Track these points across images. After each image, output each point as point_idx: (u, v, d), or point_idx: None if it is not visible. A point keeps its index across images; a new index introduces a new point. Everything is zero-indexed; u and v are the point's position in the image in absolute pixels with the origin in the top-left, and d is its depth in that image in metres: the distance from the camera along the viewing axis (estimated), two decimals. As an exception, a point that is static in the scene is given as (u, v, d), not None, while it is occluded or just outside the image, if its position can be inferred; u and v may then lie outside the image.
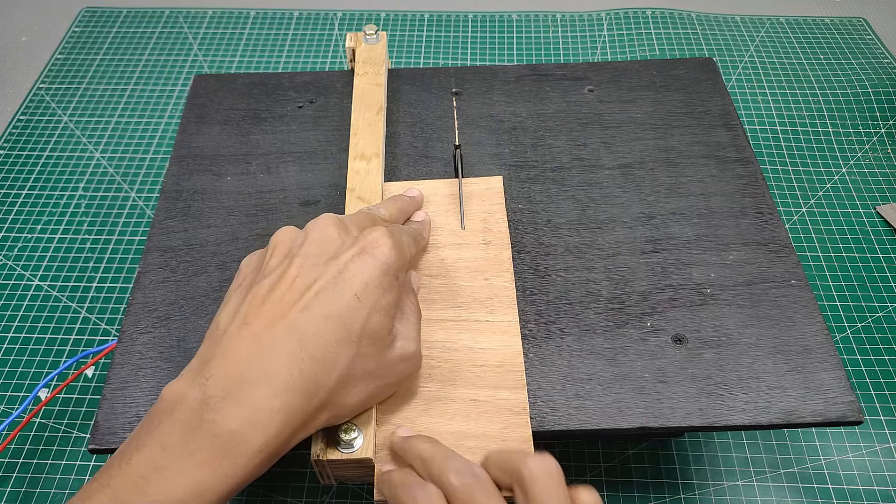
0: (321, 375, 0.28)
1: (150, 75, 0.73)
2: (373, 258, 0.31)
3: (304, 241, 0.32)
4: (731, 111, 0.48)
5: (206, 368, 0.28)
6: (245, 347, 0.28)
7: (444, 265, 0.39)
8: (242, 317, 0.29)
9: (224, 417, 0.26)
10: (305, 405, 0.28)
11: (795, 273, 0.40)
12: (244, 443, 0.26)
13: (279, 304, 0.29)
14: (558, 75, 0.51)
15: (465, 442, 0.33)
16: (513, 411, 0.34)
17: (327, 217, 0.33)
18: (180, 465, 0.25)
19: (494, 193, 0.43)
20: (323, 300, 0.29)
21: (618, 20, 0.78)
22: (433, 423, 0.33)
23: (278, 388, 0.27)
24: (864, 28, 0.78)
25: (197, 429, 0.26)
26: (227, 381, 0.27)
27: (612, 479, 0.46)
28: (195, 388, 0.27)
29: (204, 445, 0.26)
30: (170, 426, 0.26)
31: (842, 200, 0.61)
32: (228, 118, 0.49)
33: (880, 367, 0.51)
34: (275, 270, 0.31)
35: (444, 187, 0.43)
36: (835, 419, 0.34)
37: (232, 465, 0.26)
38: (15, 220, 0.60)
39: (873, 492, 0.45)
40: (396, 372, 0.32)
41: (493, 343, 0.36)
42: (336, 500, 0.45)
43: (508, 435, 0.33)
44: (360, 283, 0.30)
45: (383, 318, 0.30)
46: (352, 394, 0.30)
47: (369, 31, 0.50)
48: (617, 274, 0.40)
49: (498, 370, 0.35)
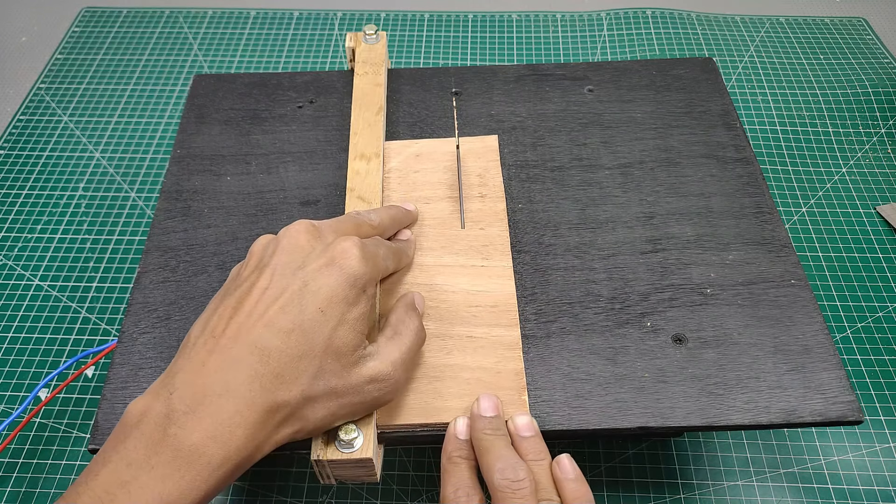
0: (282, 391, 0.28)
1: (150, 75, 0.73)
2: (339, 269, 0.30)
3: (274, 250, 0.32)
4: (731, 111, 0.48)
5: (171, 382, 0.28)
6: (211, 362, 0.28)
7: (442, 216, 0.42)
8: (211, 330, 0.29)
9: (186, 432, 0.26)
10: (267, 420, 0.28)
11: (795, 273, 0.40)
12: (206, 456, 0.26)
13: (247, 319, 0.29)
14: (558, 75, 0.51)
15: (462, 374, 0.35)
16: (506, 346, 0.36)
17: (300, 224, 0.33)
18: (144, 479, 0.26)
19: (490, 151, 0.45)
20: (287, 314, 0.29)
21: (618, 20, 0.78)
22: (432, 358, 0.36)
23: (240, 403, 0.27)
24: (864, 28, 0.78)
25: (160, 443, 0.26)
26: (191, 395, 0.27)
27: (612, 479, 0.46)
28: (159, 401, 0.27)
29: (166, 459, 0.26)
30: (134, 441, 0.27)
31: (842, 200, 0.61)
32: (228, 118, 0.49)
33: (880, 367, 0.51)
34: (246, 281, 0.31)
35: (443, 145, 0.46)
36: (835, 419, 0.34)
37: (194, 478, 0.26)
38: (15, 220, 0.60)
39: (873, 492, 0.45)
40: (364, 392, 0.31)
41: (488, 286, 0.38)
42: (336, 500, 0.45)
43: (502, 367, 0.35)
44: (324, 296, 0.30)
45: (348, 332, 0.30)
46: (315, 409, 0.29)
47: (369, 31, 0.50)
48: (617, 274, 0.40)
49: (493, 310, 0.38)
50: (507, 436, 0.32)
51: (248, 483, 0.46)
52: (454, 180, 0.44)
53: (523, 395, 0.35)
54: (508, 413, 0.34)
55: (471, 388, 0.35)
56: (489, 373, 0.35)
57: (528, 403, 0.34)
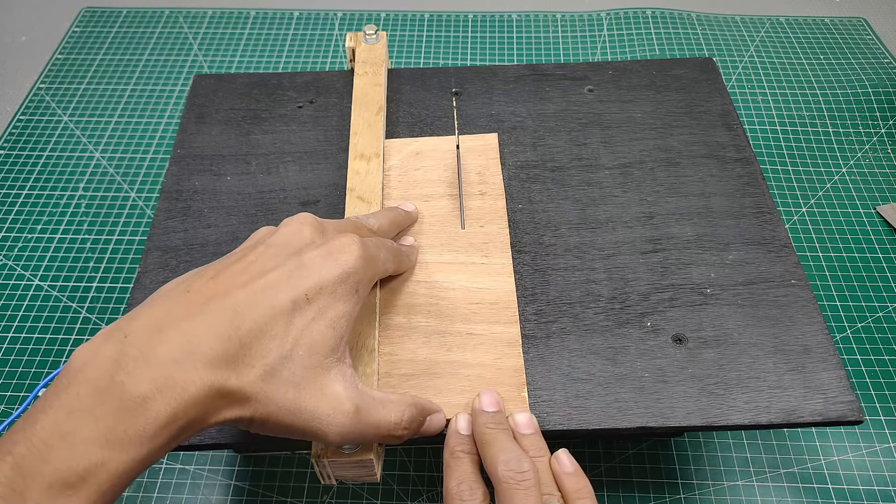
0: (243, 363, 0.26)
1: (150, 75, 0.73)
2: (335, 262, 0.29)
3: (275, 233, 0.31)
4: (731, 111, 0.48)
5: (127, 326, 0.25)
6: (176, 311, 0.26)
7: (442, 214, 0.42)
8: (186, 285, 0.27)
9: (134, 380, 0.24)
10: (220, 389, 0.25)
11: (795, 273, 0.40)
12: (152, 411, 0.24)
13: (226, 281, 0.27)
14: (558, 75, 0.51)
15: (462, 370, 0.35)
16: (506, 343, 0.36)
17: (305, 216, 0.32)
18: (86, 431, 0.23)
19: (490, 149, 0.46)
20: (271, 289, 0.27)
21: (618, 20, 0.78)
22: (432, 354, 0.36)
23: (198, 360, 0.25)
24: (864, 28, 0.78)
25: (105, 391, 0.24)
26: (146, 339, 0.25)
27: (612, 479, 0.46)
28: (110, 344, 0.25)
29: (111, 410, 0.23)
30: (77, 387, 0.24)
31: (842, 200, 0.61)
32: (228, 118, 0.49)
33: (880, 367, 0.51)
34: (236, 253, 0.30)
35: (443, 143, 0.46)
36: (835, 419, 0.34)
37: (137, 434, 0.24)
38: (15, 220, 0.60)
39: (873, 492, 0.45)
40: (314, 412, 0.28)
41: (488, 283, 0.39)
42: (336, 500, 0.45)
43: (502, 364, 0.35)
44: (313, 282, 0.28)
45: (326, 329, 0.28)
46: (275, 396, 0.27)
47: (369, 31, 0.50)
48: (617, 274, 0.40)
49: (493, 307, 0.38)
50: (509, 430, 0.32)
51: (248, 483, 0.46)
52: (454, 178, 0.44)
53: (523, 391, 0.35)
54: (508, 410, 0.34)
55: (471, 385, 0.35)
56: (489, 369, 0.35)
57: (527, 400, 0.35)
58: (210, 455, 0.47)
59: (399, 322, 0.37)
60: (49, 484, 0.22)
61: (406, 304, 0.38)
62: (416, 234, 0.41)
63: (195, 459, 0.47)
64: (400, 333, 0.37)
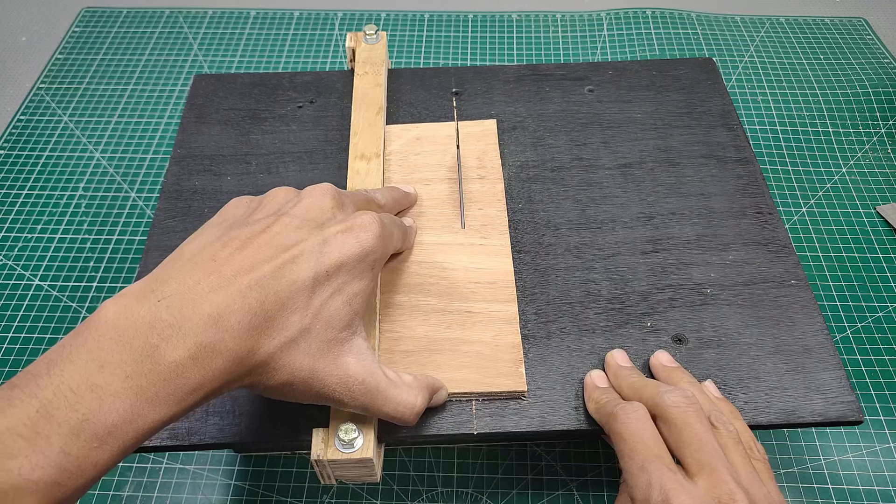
0: (266, 334, 0.27)
1: (150, 75, 0.73)
2: (356, 240, 0.30)
3: (297, 203, 0.31)
4: (731, 111, 0.48)
5: (160, 289, 0.26)
6: (208, 283, 0.27)
7: (441, 197, 0.43)
8: (212, 253, 0.28)
9: (169, 347, 0.25)
10: (245, 359, 0.27)
11: (795, 273, 0.40)
12: (183, 377, 0.25)
13: (253, 256, 0.28)
14: (558, 75, 0.51)
15: (461, 347, 0.36)
16: (504, 321, 0.37)
17: (326, 186, 0.33)
18: (117, 387, 0.24)
19: (489, 134, 0.46)
20: (294, 264, 0.28)
21: (618, 20, 0.78)
22: (432, 332, 0.37)
23: (226, 333, 0.26)
24: (864, 28, 0.78)
25: (139, 351, 0.24)
26: (179, 308, 0.26)
27: (612, 479, 0.46)
28: (144, 306, 0.25)
29: (144, 371, 0.24)
30: (110, 342, 0.24)
31: (842, 200, 0.61)
32: (228, 118, 0.49)
33: (880, 367, 0.51)
34: (259, 222, 0.30)
35: (442, 129, 0.47)
36: (835, 419, 0.34)
37: (168, 397, 0.25)
38: (15, 220, 0.60)
39: (873, 492, 0.45)
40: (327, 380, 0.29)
41: (486, 263, 0.40)
42: (336, 500, 0.45)
43: (500, 341, 0.36)
44: (334, 259, 0.29)
45: (343, 305, 0.29)
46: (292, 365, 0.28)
47: (369, 31, 0.50)
48: (617, 274, 0.40)
49: (491, 286, 0.39)
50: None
51: (248, 483, 0.46)
52: (453, 163, 0.44)
53: (520, 367, 0.35)
54: (506, 385, 0.35)
55: (469, 361, 0.36)
56: (487, 346, 0.36)
57: (524, 375, 0.35)
58: (210, 455, 0.47)
59: (400, 301, 0.38)
60: (76, 432, 0.23)
61: (407, 284, 0.39)
62: (417, 217, 0.42)
63: (195, 459, 0.47)
64: (400, 312, 0.37)
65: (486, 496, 0.45)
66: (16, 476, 0.21)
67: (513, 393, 0.35)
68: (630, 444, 0.30)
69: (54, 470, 0.22)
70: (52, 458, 0.22)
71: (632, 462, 0.30)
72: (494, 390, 0.35)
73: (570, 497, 0.45)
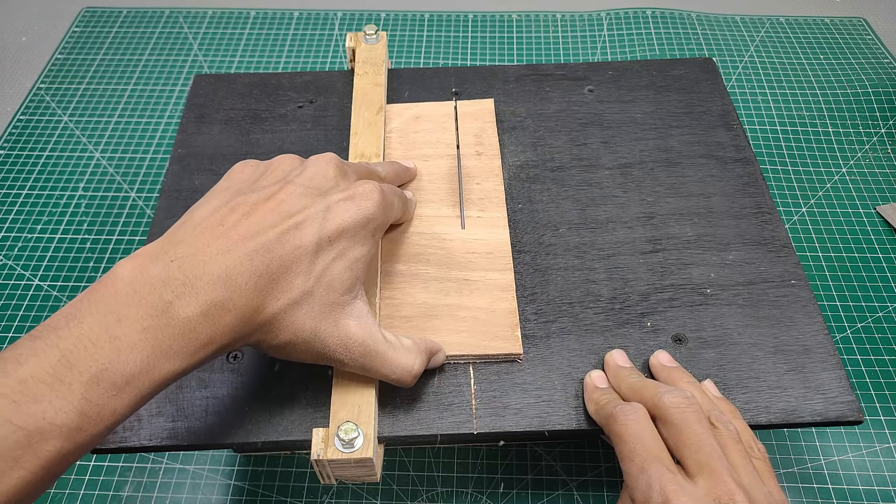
0: (271, 295, 0.29)
1: (150, 75, 0.73)
2: (357, 207, 0.31)
3: (302, 171, 0.33)
4: (731, 111, 0.48)
5: (173, 251, 0.28)
6: (216, 246, 0.28)
7: (440, 172, 0.44)
8: (220, 218, 0.29)
9: (183, 303, 0.26)
10: (251, 318, 0.28)
11: (795, 273, 0.40)
12: (195, 332, 0.26)
13: (259, 221, 0.29)
14: (558, 75, 0.51)
15: (458, 313, 0.37)
16: (501, 288, 0.38)
17: (329, 156, 0.34)
18: (135, 339, 0.25)
19: (486, 113, 0.48)
20: (298, 230, 0.30)
21: (618, 20, 0.78)
22: (431, 298, 0.38)
23: (234, 292, 0.27)
24: (864, 28, 0.78)
25: (154, 306, 0.26)
26: (191, 268, 0.27)
27: (612, 479, 0.46)
28: (157, 266, 0.27)
29: (160, 325, 0.26)
30: (127, 298, 0.26)
31: (842, 200, 0.61)
32: (228, 118, 0.49)
33: (880, 367, 0.51)
34: (265, 189, 0.31)
35: (441, 108, 0.48)
36: (835, 419, 0.34)
37: (181, 350, 0.26)
38: (15, 220, 0.60)
39: (873, 492, 0.45)
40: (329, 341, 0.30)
41: (483, 234, 0.41)
42: (336, 500, 0.45)
43: (496, 307, 0.37)
44: (336, 225, 0.31)
45: (345, 270, 0.31)
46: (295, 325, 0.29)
47: (369, 31, 0.50)
48: (617, 274, 0.40)
49: (488, 256, 0.40)
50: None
51: (248, 483, 0.46)
52: (452, 139, 0.46)
53: (516, 331, 0.37)
54: (503, 348, 0.36)
55: (467, 325, 0.37)
56: (484, 311, 0.37)
57: (520, 339, 0.36)
58: (210, 455, 0.47)
59: (400, 269, 0.39)
60: (96, 380, 0.24)
61: (407, 254, 0.40)
62: (416, 191, 0.43)
63: (195, 459, 0.47)
64: (401, 280, 0.39)
65: (486, 496, 0.45)
66: (40, 420, 0.23)
67: (509, 356, 0.36)
68: (630, 446, 0.30)
69: (76, 415, 0.23)
70: (73, 404, 0.23)
71: (632, 463, 0.30)
72: (491, 353, 0.36)
73: (570, 497, 0.45)
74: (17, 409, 0.22)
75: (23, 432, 0.22)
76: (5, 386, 0.23)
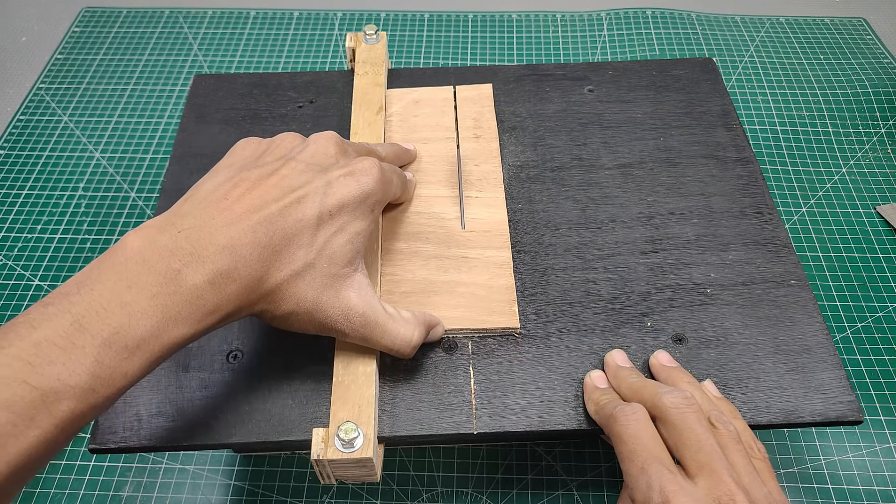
0: (274, 266, 0.30)
1: (150, 75, 0.73)
2: (357, 183, 0.32)
3: (303, 148, 0.34)
4: (731, 111, 0.48)
5: (179, 222, 0.29)
6: (220, 217, 0.29)
7: (439, 154, 0.45)
8: (224, 192, 0.30)
9: (190, 271, 0.27)
10: (254, 288, 0.29)
11: (795, 273, 0.40)
12: (202, 299, 0.27)
13: (262, 195, 0.30)
14: (558, 75, 0.51)
15: (457, 288, 0.38)
16: (498, 265, 0.39)
17: (330, 134, 0.35)
18: (144, 305, 0.26)
19: (484, 97, 0.49)
20: (300, 204, 0.31)
21: (618, 20, 0.78)
22: (430, 275, 0.39)
23: (239, 262, 0.28)
24: (864, 28, 0.78)
25: (163, 274, 0.27)
26: (198, 239, 0.28)
27: (612, 479, 0.46)
28: (165, 236, 0.28)
29: (168, 292, 0.27)
30: (135, 266, 0.27)
31: (842, 200, 0.61)
32: (228, 118, 0.49)
33: (880, 367, 0.51)
34: (268, 165, 0.32)
35: (440, 92, 0.49)
36: (835, 419, 0.34)
37: (189, 316, 0.27)
38: (15, 220, 0.60)
39: (873, 492, 0.45)
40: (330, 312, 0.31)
41: (481, 214, 0.42)
42: (336, 500, 0.45)
43: (494, 283, 0.39)
44: (336, 200, 0.31)
45: (345, 243, 0.32)
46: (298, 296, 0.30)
47: (369, 31, 0.50)
48: (617, 274, 0.40)
49: (486, 234, 0.41)
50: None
51: (247, 483, 0.46)
52: (451, 123, 0.47)
53: (513, 306, 0.38)
54: (500, 322, 0.37)
55: (465, 301, 0.38)
56: (482, 287, 0.38)
57: (517, 314, 0.37)
58: (210, 455, 0.47)
59: (400, 247, 0.40)
60: (108, 343, 0.25)
61: (407, 232, 0.41)
62: (416, 172, 0.44)
63: (195, 459, 0.47)
64: (401, 257, 0.40)
65: (486, 496, 0.45)
66: (54, 381, 0.24)
67: (506, 329, 0.37)
68: (630, 446, 0.30)
69: (89, 377, 0.24)
70: (86, 366, 0.24)
71: (632, 464, 0.30)
72: (489, 327, 0.37)
73: (570, 497, 0.45)
74: (33, 370, 0.23)
75: (38, 392, 0.23)
76: (20, 348, 0.24)
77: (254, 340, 0.37)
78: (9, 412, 0.23)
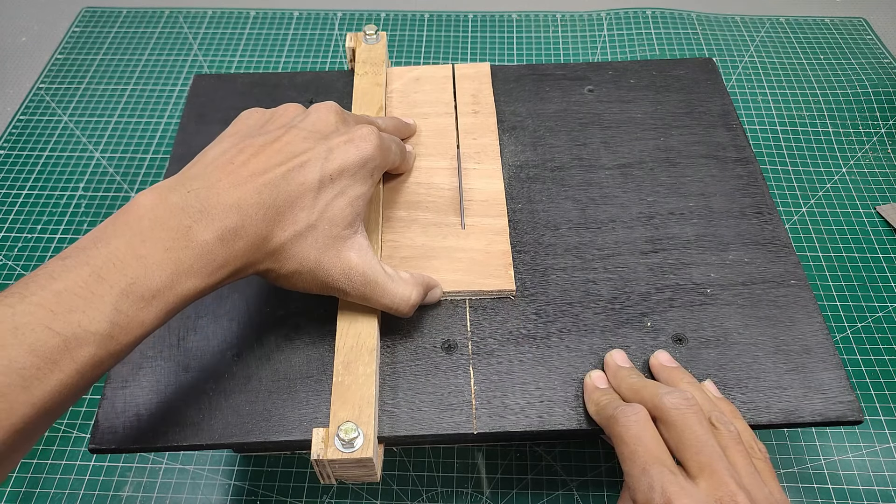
0: (278, 226, 0.31)
1: (150, 75, 0.73)
2: (356, 148, 0.34)
3: (305, 117, 0.35)
4: (731, 111, 0.48)
5: (189, 183, 0.30)
6: (226, 180, 0.31)
7: (438, 128, 0.47)
8: (230, 159, 0.32)
9: (200, 228, 0.29)
10: (259, 246, 0.31)
11: (795, 273, 0.40)
12: (212, 254, 0.29)
13: (266, 161, 0.32)
14: (558, 75, 0.51)
15: (456, 254, 0.40)
16: (495, 232, 0.41)
17: (331, 104, 0.36)
18: (159, 258, 0.28)
19: (482, 75, 0.50)
20: (304, 170, 0.32)
21: (618, 20, 0.78)
22: (429, 241, 0.40)
23: (245, 220, 0.30)
24: (864, 28, 0.78)
25: (175, 230, 0.28)
26: (207, 198, 0.30)
27: (612, 479, 0.46)
28: (175, 195, 0.29)
29: (181, 246, 0.28)
30: (148, 222, 0.28)
31: (842, 200, 0.61)
32: (228, 118, 0.48)
33: (880, 367, 0.51)
34: (272, 132, 0.34)
35: (440, 70, 0.51)
36: (835, 419, 0.34)
37: (201, 269, 0.29)
38: (15, 220, 0.60)
39: (873, 492, 0.45)
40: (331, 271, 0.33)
41: (479, 184, 0.43)
42: (336, 500, 0.45)
43: (491, 249, 0.40)
44: (337, 165, 0.33)
45: (346, 206, 0.33)
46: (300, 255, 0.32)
47: (369, 31, 0.50)
48: (617, 274, 0.40)
49: (483, 203, 0.42)
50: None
51: (248, 483, 0.46)
52: (450, 98, 0.49)
53: (510, 270, 0.39)
54: (497, 286, 0.38)
55: (463, 266, 0.39)
56: (480, 253, 0.40)
57: (514, 278, 0.39)
58: (210, 455, 0.47)
59: (400, 215, 0.42)
60: (125, 293, 0.26)
61: (407, 202, 0.43)
62: (416, 145, 0.46)
63: (195, 459, 0.47)
64: (401, 225, 0.41)
65: (486, 496, 0.45)
66: (76, 327, 0.25)
67: (502, 292, 0.39)
68: (631, 447, 0.30)
69: (108, 325, 0.26)
70: (106, 314, 0.26)
71: (633, 465, 0.30)
72: (486, 290, 0.38)
73: (570, 497, 0.45)
74: (55, 317, 0.25)
75: (60, 338, 0.25)
76: (42, 297, 0.25)
77: (254, 341, 0.37)
78: (34, 356, 0.24)
